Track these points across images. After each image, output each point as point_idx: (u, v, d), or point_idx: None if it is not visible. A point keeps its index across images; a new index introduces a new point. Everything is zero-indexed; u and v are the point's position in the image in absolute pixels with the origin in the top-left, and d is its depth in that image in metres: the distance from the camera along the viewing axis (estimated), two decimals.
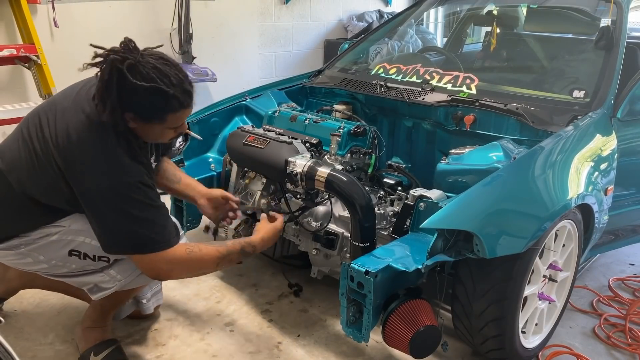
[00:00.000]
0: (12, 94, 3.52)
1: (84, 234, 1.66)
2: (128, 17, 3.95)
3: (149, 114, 1.55)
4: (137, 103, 1.52)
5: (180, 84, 1.55)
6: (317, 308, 2.31)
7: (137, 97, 1.50)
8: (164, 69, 1.52)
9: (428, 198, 1.80)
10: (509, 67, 2.81)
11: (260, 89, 2.91)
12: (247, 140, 2.15)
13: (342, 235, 2.09)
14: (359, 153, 2.26)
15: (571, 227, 1.97)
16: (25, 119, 1.73)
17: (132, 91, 1.48)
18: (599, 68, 2.26)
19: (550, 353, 2.05)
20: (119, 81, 1.48)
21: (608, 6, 2.47)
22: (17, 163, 1.64)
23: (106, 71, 1.49)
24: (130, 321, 2.16)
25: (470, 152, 1.99)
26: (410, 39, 3.42)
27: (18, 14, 3.33)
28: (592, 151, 1.99)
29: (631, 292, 2.53)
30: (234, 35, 4.66)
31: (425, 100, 2.36)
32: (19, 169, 1.63)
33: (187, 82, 1.58)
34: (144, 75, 1.49)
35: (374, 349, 2.06)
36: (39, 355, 1.96)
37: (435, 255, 1.57)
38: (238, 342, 2.08)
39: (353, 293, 1.60)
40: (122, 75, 1.47)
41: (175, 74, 1.54)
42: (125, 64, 1.47)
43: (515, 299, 1.74)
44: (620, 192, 2.20)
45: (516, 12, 3.19)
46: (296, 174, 1.93)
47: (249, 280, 2.52)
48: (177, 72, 1.56)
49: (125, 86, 1.48)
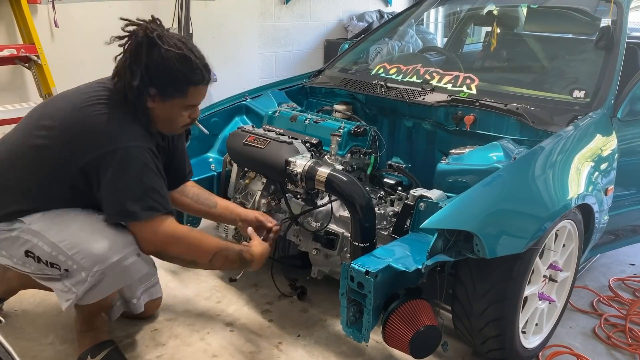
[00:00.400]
0: (12, 94, 3.52)
1: (39, 236, 1.63)
2: (128, 17, 3.94)
3: (173, 86, 1.63)
4: (164, 73, 1.60)
5: (202, 58, 1.66)
6: (317, 308, 2.31)
7: (165, 65, 1.58)
8: (188, 43, 1.65)
9: (428, 198, 1.80)
10: (509, 67, 2.81)
11: (261, 89, 2.91)
12: (247, 140, 2.16)
13: (342, 235, 2.09)
14: (359, 153, 2.26)
15: (571, 227, 1.97)
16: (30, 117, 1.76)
17: (160, 59, 1.58)
18: (599, 68, 2.26)
19: (550, 353, 2.05)
20: (149, 49, 1.57)
21: (608, 6, 2.47)
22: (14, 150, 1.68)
23: (136, 41, 1.59)
24: (130, 321, 2.16)
25: (471, 152, 1.99)
26: (410, 39, 3.42)
27: (18, 14, 3.33)
28: (593, 151, 1.99)
29: (631, 292, 2.53)
30: (234, 35, 4.66)
31: (425, 101, 2.36)
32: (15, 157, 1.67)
33: (205, 60, 1.68)
34: (171, 44, 1.59)
35: (374, 349, 2.06)
36: (39, 356, 1.96)
37: (436, 255, 1.57)
38: (238, 342, 2.08)
39: (353, 293, 1.60)
40: (153, 42, 1.57)
41: (198, 50, 1.65)
42: (155, 34, 1.59)
43: (516, 299, 1.74)
44: (620, 192, 2.20)
45: (516, 12, 3.19)
46: (296, 174, 1.93)
47: (249, 280, 2.52)
48: (198, 49, 1.66)
49: (154, 54, 1.57)
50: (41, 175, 1.66)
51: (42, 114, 1.72)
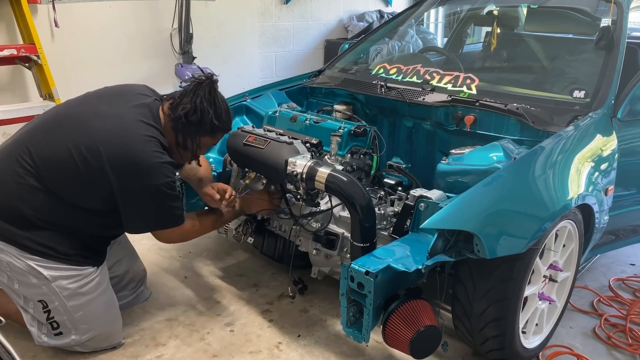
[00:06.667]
0: (13, 94, 3.52)
1: (60, 300, 1.85)
2: (128, 17, 3.95)
3: (213, 128, 1.94)
4: (215, 116, 1.92)
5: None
6: (318, 308, 2.31)
7: (218, 110, 1.93)
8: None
9: (428, 198, 1.79)
10: (510, 67, 2.81)
11: (261, 89, 2.91)
12: (248, 140, 2.15)
13: (343, 235, 2.09)
14: (359, 153, 2.26)
15: (571, 227, 1.97)
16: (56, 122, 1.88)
17: (216, 104, 1.93)
18: (599, 68, 2.26)
19: (550, 353, 2.05)
20: (216, 94, 1.95)
21: (608, 6, 2.47)
22: (54, 162, 1.80)
23: (208, 87, 1.92)
24: (130, 321, 2.16)
25: (471, 153, 1.99)
26: (410, 39, 3.42)
27: (18, 14, 3.33)
28: (593, 151, 1.99)
29: (632, 293, 2.53)
30: (234, 35, 4.66)
31: (425, 101, 2.36)
32: (53, 168, 1.80)
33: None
34: (220, 96, 1.97)
35: (374, 349, 2.06)
36: (39, 355, 1.96)
37: (436, 255, 1.57)
38: (238, 342, 2.08)
39: (353, 293, 1.60)
40: (216, 90, 1.96)
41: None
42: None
43: (516, 299, 1.74)
44: (620, 192, 2.20)
45: (516, 12, 3.19)
46: (296, 174, 1.93)
47: (249, 280, 2.52)
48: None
49: (216, 98, 1.94)
50: (71, 193, 1.82)
51: (83, 129, 1.82)
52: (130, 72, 3.96)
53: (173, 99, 1.93)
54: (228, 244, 2.83)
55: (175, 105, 1.90)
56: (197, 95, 1.89)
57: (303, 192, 2.01)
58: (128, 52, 3.97)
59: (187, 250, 2.77)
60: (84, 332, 1.91)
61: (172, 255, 2.72)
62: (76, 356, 1.95)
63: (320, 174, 1.89)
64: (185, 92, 1.91)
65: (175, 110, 1.89)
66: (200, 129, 1.91)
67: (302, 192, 2.00)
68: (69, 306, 1.85)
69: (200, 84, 1.91)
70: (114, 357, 1.97)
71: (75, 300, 1.86)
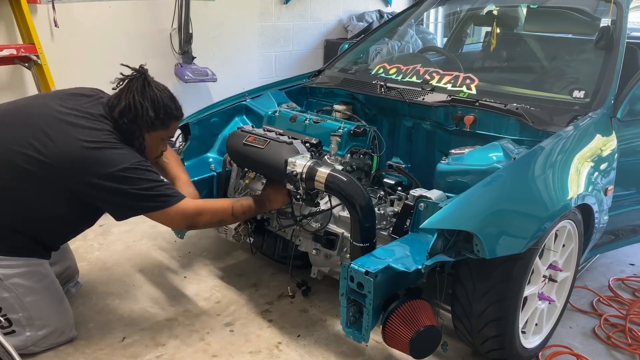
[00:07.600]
0: (12, 93, 3.51)
1: (16, 298, 1.83)
2: (128, 17, 3.95)
3: (161, 120, 1.90)
4: (160, 108, 1.88)
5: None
6: (317, 308, 2.31)
7: (159, 102, 1.88)
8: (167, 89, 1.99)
9: (428, 198, 1.80)
10: (509, 67, 2.81)
11: (260, 89, 2.91)
12: (247, 140, 2.15)
13: (342, 235, 2.09)
14: (359, 153, 2.26)
15: (571, 227, 1.97)
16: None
17: (155, 96, 1.88)
18: (599, 68, 2.26)
19: (550, 353, 2.05)
20: (150, 88, 1.88)
21: (608, 6, 2.47)
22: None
23: (139, 81, 1.87)
24: (130, 321, 2.16)
25: (470, 153, 1.98)
26: (410, 39, 3.42)
27: (18, 14, 3.32)
28: (592, 151, 1.99)
29: (631, 293, 2.53)
30: (234, 35, 4.65)
31: (425, 101, 2.36)
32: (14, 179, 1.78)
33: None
34: (160, 87, 1.92)
35: (374, 349, 2.06)
36: (39, 355, 1.96)
37: (435, 255, 1.57)
38: (238, 342, 2.08)
39: (353, 293, 1.60)
40: (149, 83, 1.89)
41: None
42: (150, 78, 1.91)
43: (515, 299, 1.74)
44: (620, 192, 2.20)
45: (516, 12, 3.19)
46: (296, 174, 1.93)
47: (249, 280, 2.52)
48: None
49: (153, 92, 1.88)
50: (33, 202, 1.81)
51: (39, 128, 1.79)
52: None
53: (109, 100, 1.90)
54: (228, 244, 2.83)
55: (112, 106, 1.86)
56: (130, 91, 1.85)
57: (303, 192, 2.01)
58: (128, 52, 3.96)
59: (186, 250, 2.78)
60: (40, 328, 1.89)
61: (172, 255, 2.72)
62: (76, 356, 1.95)
63: (320, 174, 1.89)
64: (119, 92, 1.88)
65: (112, 111, 1.85)
66: (143, 124, 1.86)
67: (302, 192, 2.00)
68: (26, 302, 1.84)
69: (132, 80, 1.87)
70: (114, 357, 1.97)
71: (32, 296, 1.85)
